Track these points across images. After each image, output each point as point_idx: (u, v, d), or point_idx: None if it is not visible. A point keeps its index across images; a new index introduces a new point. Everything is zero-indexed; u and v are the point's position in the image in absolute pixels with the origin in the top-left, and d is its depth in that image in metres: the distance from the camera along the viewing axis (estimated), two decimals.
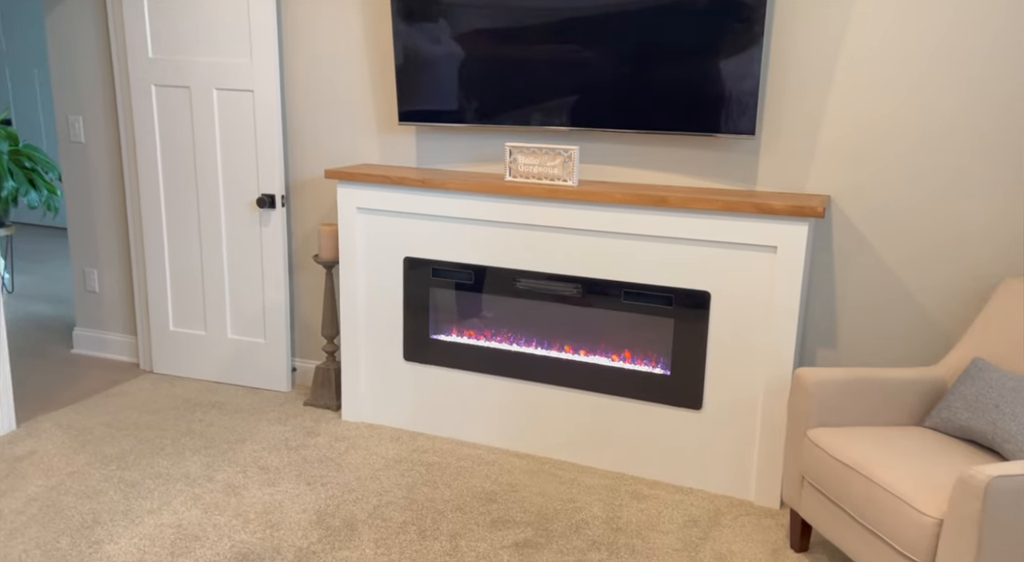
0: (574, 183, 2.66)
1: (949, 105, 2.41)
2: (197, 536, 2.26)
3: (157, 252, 3.45)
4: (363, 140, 3.19)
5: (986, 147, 2.39)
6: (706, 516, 2.48)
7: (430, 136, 3.08)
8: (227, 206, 3.30)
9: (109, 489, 2.50)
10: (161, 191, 3.38)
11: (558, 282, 2.74)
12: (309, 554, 2.19)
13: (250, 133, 3.20)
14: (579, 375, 2.76)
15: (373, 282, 3.00)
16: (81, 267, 3.76)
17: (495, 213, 2.75)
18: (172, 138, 3.32)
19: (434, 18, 2.81)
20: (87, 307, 3.79)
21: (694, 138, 2.70)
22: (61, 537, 2.22)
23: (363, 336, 3.06)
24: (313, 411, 3.20)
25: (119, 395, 3.29)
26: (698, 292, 2.55)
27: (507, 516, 2.44)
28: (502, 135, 2.97)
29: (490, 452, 2.88)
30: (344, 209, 2.96)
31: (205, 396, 3.31)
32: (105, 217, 3.64)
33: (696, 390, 2.61)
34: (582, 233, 2.66)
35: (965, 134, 2.40)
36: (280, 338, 3.35)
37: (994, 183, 2.39)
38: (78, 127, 3.59)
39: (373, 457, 2.81)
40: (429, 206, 2.83)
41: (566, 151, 2.66)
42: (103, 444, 2.82)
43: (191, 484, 2.56)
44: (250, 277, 3.34)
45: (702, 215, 2.48)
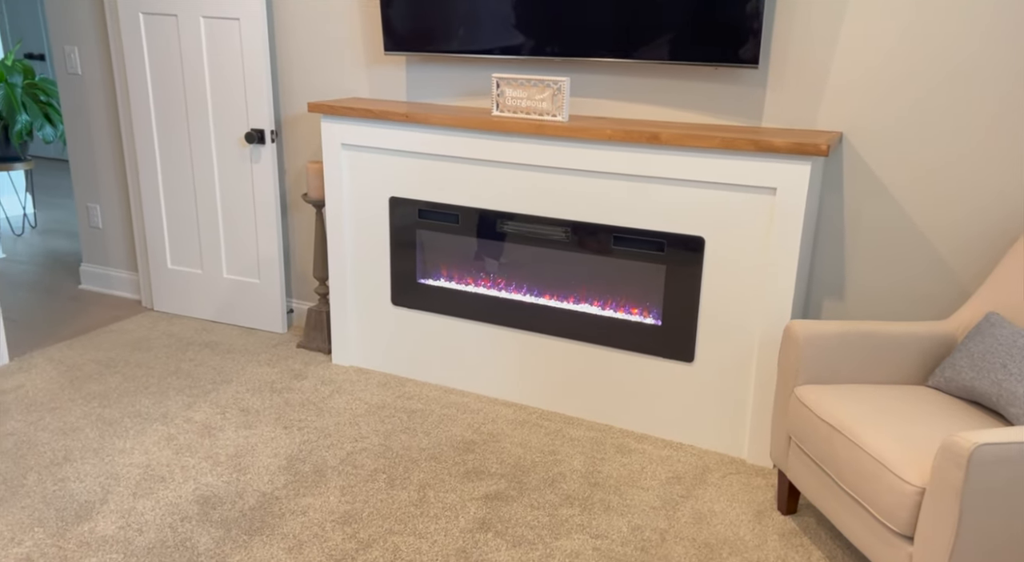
0: (564, 118, 2.47)
1: (980, 32, 2.12)
2: (163, 477, 2.24)
3: (152, 188, 3.40)
4: (353, 73, 3.03)
5: (1017, 84, 2.11)
6: (692, 473, 2.36)
7: (420, 68, 2.90)
8: (218, 141, 3.20)
9: (86, 426, 2.50)
10: (153, 125, 3.30)
11: (547, 226, 2.58)
12: (271, 499, 2.15)
13: (237, 64, 3.07)
14: (568, 324, 2.62)
15: (360, 223, 2.88)
16: (84, 202, 3.74)
17: (480, 151, 2.58)
18: (162, 69, 3.21)
19: None
20: (92, 243, 3.78)
21: (695, 69, 2.46)
22: (29, 473, 2.23)
23: (351, 279, 2.96)
24: (305, 354, 3.15)
25: (116, 332, 3.29)
26: (691, 237, 2.36)
27: (482, 467, 2.35)
28: (493, 66, 2.78)
29: (477, 401, 2.79)
30: (328, 145, 2.82)
31: (200, 335, 3.29)
32: (104, 151, 3.58)
33: (688, 342, 2.45)
34: (571, 173, 2.49)
35: (995, 69, 2.12)
36: (274, 279, 3.28)
37: (1022, 125, 2.12)
38: (74, 58, 3.51)
39: (356, 402, 2.75)
40: (413, 142, 2.68)
41: (556, 83, 2.46)
42: (89, 381, 2.82)
43: (168, 424, 2.54)
44: (243, 215, 3.26)
45: (697, 153, 2.27)
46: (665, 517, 2.13)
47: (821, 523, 2.12)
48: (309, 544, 1.97)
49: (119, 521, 2.03)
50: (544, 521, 2.09)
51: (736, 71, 2.42)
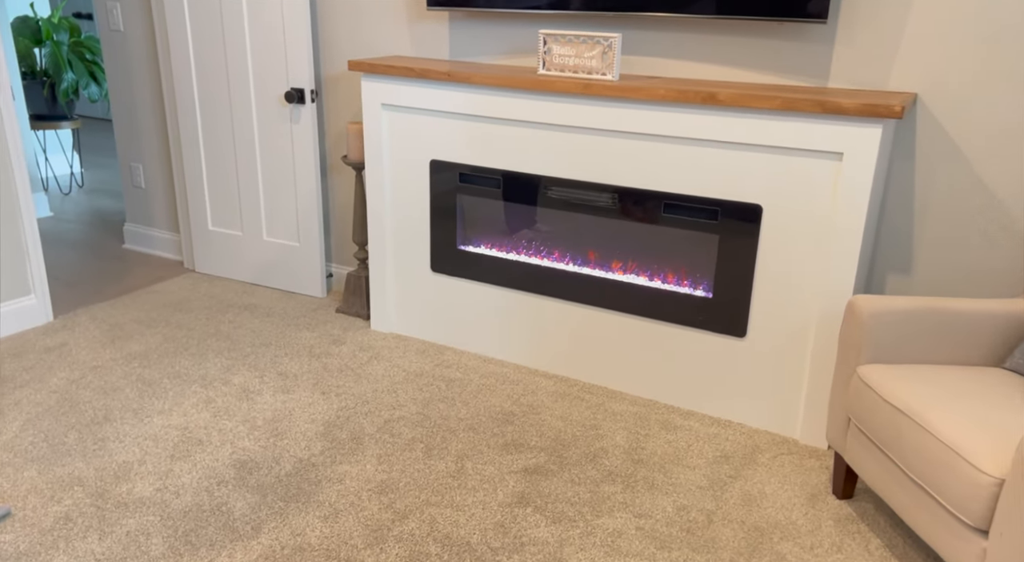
0: (614, 77, 2.34)
1: None
2: (200, 440, 2.22)
3: (193, 148, 3.36)
4: (394, 30, 2.92)
5: None
6: (741, 452, 2.26)
7: (463, 25, 2.78)
8: (258, 100, 3.14)
9: (126, 386, 2.50)
10: (194, 82, 3.25)
11: (592, 191, 2.46)
12: (308, 466, 2.12)
13: (278, 21, 2.98)
14: (612, 295, 2.52)
15: (400, 187, 2.81)
16: (127, 161, 3.74)
17: (525, 111, 2.47)
18: (202, 26, 3.15)
19: None
20: (136, 203, 3.79)
21: (755, 24, 2.30)
22: (70, 431, 2.23)
23: (390, 245, 2.90)
24: (343, 319, 3.11)
25: (157, 292, 3.30)
26: (748, 205, 2.23)
27: (521, 439, 2.29)
28: (540, 22, 2.64)
29: (516, 371, 2.72)
30: (369, 105, 2.74)
31: (240, 298, 3.27)
32: (146, 109, 3.56)
33: (741, 315, 2.33)
34: (620, 136, 2.36)
35: None
36: (314, 243, 3.24)
37: None
38: (116, 14, 3.47)
39: (394, 369, 2.70)
40: (455, 103, 2.57)
41: (606, 39, 2.32)
42: (131, 341, 2.83)
43: (206, 386, 2.53)
44: (283, 177, 3.21)
45: (756, 115, 2.13)
46: (712, 498, 2.04)
47: (880, 509, 2.01)
48: (345, 513, 1.93)
49: (156, 483, 2.02)
50: (585, 498, 2.02)
51: (801, 26, 2.25)
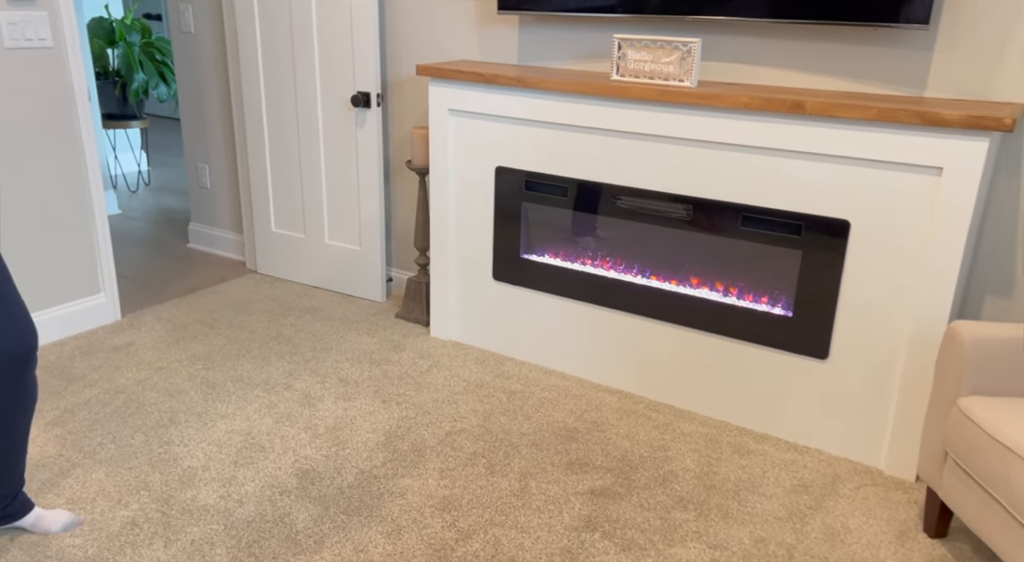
0: (692, 84, 2.24)
1: None
2: (263, 447, 2.21)
3: (258, 149, 3.38)
4: (463, 34, 2.87)
5: None
6: (821, 482, 2.14)
7: (533, 29, 2.72)
8: (324, 104, 3.13)
9: (191, 389, 2.51)
10: (261, 85, 3.27)
11: (665, 202, 2.37)
12: (370, 478, 2.09)
13: (346, 24, 2.97)
14: (685, 310, 2.42)
15: (463, 193, 2.75)
16: (194, 162, 3.78)
17: (596, 118, 2.39)
18: (271, 28, 3.16)
19: None
20: (201, 203, 3.83)
21: (845, 29, 2.17)
22: (137, 433, 2.24)
23: (452, 251, 2.85)
24: (403, 325, 3.08)
25: (220, 293, 3.32)
26: (835, 220, 2.11)
27: (587, 458, 2.21)
28: (614, 26, 2.56)
29: (579, 385, 2.64)
30: (435, 110, 2.69)
31: (301, 300, 3.27)
32: (214, 111, 3.59)
33: (823, 336, 2.20)
34: (697, 144, 2.26)
35: None
36: (375, 247, 3.22)
37: None
38: (187, 16, 3.51)
39: (454, 379, 2.65)
40: (523, 109, 2.51)
41: (685, 45, 2.22)
42: (195, 341, 2.85)
43: (269, 390, 2.52)
44: (346, 180, 3.20)
45: (848, 125, 2.01)
46: (792, 530, 1.93)
47: (979, 552, 1.87)
48: (408, 530, 1.88)
49: (220, 490, 2.00)
50: (655, 524, 1.93)
51: (898, 31, 2.12)
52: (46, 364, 2.63)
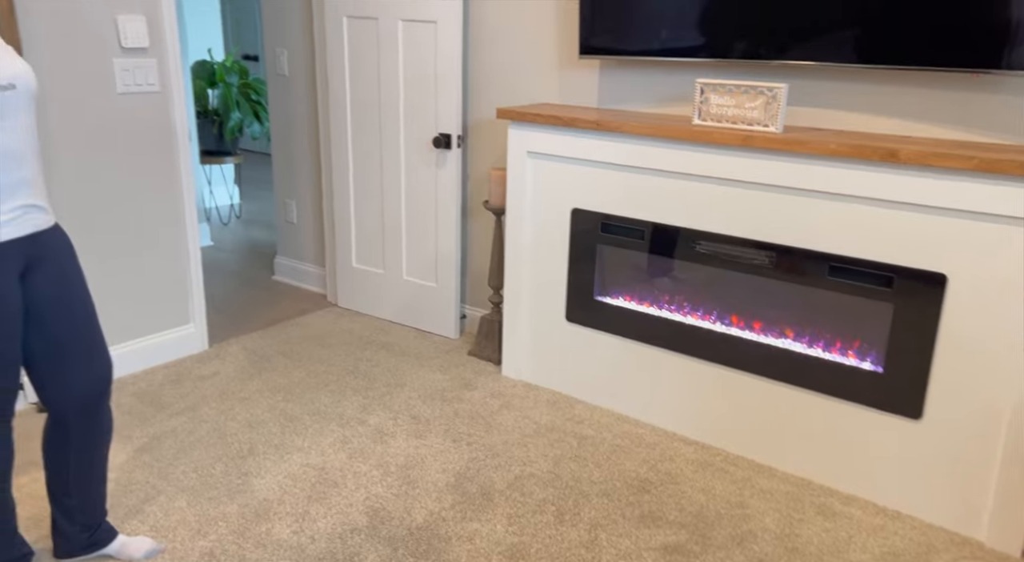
0: (778, 129, 2.19)
1: None
2: (336, 482, 2.24)
3: (343, 187, 3.49)
4: (543, 78, 2.91)
5: None
6: (913, 550, 2.00)
7: (614, 73, 2.73)
8: (407, 144, 3.22)
9: (270, 421, 2.58)
10: (348, 126, 3.39)
11: (746, 248, 2.31)
12: (439, 520, 2.08)
13: (431, 68, 3.05)
14: (766, 360, 2.34)
15: (539, 234, 2.76)
16: (282, 198, 3.94)
17: (676, 162, 2.36)
18: (360, 72, 3.28)
19: None
20: (287, 237, 3.98)
21: (944, 75, 2.08)
22: (217, 463, 2.31)
23: (526, 290, 2.85)
24: (475, 362, 3.09)
25: (302, 325, 3.42)
26: (931, 273, 2.00)
27: (660, 512, 2.14)
28: (697, 70, 2.54)
29: (653, 433, 2.58)
30: (514, 152, 2.73)
31: (377, 335, 3.34)
32: (303, 150, 3.75)
33: (917, 395, 2.08)
34: (782, 191, 2.20)
35: None
36: (450, 284, 3.26)
37: None
38: (283, 60, 3.69)
39: (525, 421, 2.63)
40: (602, 152, 2.51)
41: (771, 90, 2.18)
42: (276, 373, 2.93)
43: (344, 425, 2.57)
44: (425, 219, 3.26)
45: (945, 175, 1.91)
46: None
47: None
48: None
49: (294, 525, 2.04)
50: None
51: (999, 77, 2.02)
52: (137, 391, 2.76)
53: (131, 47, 2.70)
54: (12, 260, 1.51)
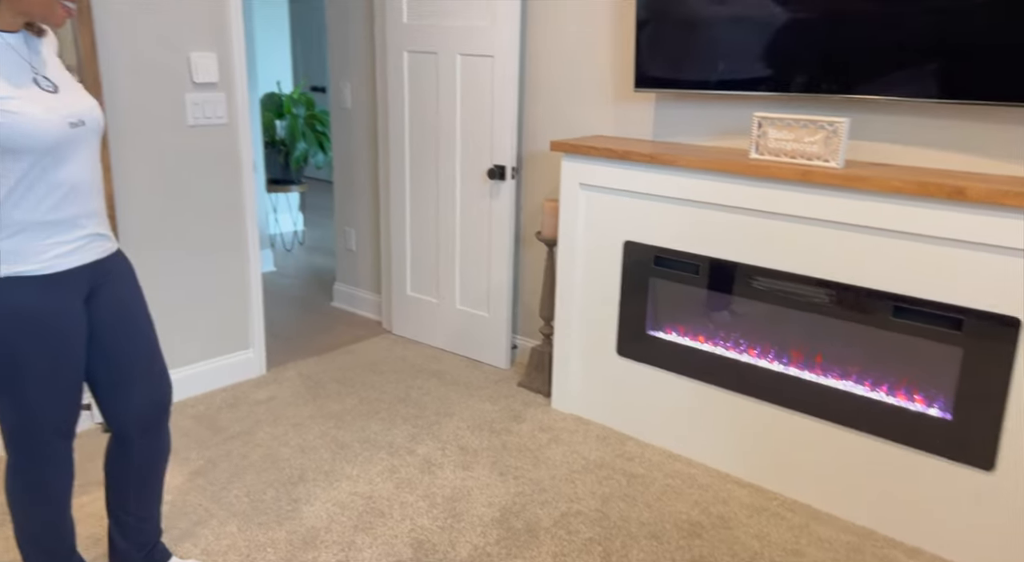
0: (838, 164, 2.13)
1: None
2: (383, 512, 2.24)
3: (400, 217, 3.56)
4: (598, 110, 2.91)
5: None
6: None
7: (670, 105, 2.71)
8: (462, 175, 3.26)
9: (322, 447, 2.61)
10: (406, 157, 3.45)
11: (805, 285, 2.24)
12: (483, 555, 2.06)
13: (487, 101, 3.10)
14: (826, 402, 2.25)
15: (590, 266, 2.74)
16: (342, 226, 4.04)
17: (732, 197, 2.32)
18: (419, 105, 3.35)
19: None
20: (346, 264, 4.07)
21: (1013, 110, 1.99)
22: (269, 488, 2.35)
23: (576, 323, 2.83)
24: (525, 394, 3.07)
25: (357, 352, 3.47)
26: (1004, 317, 1.89)
27: (712, 558, 2.07)
28: (754, 104, 2.50)
29: (706, 473, 2.50)
30: (567, 184, 2.73)
31: (429, 363, 3.36)
32: (363, 179, 3.84)
33: (988, 444, 1.97)
34: (842, 228, 2.13)
35: None
36: (502, 314, 3.26)
37: None
38: (346, 93, 3.80)
39: (573, 456, 2.60)
40: (656, 185, 2.48)
41: (831, 124, 2.13)
42: (329, 399, 2.98)
43: (393, 454, 2.58)
44: (478, 249, 3.28)
45: (1017, 214, 1.82)
46: None
47: None
48: None
49: (340, 554, 2.05)
50: None
51: None
52: (196, 414, 2.84)
53: (202, 82, 2.82)
54: (78, 286, 1.59)
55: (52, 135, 1.46)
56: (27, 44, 1.50)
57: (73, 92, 1.56)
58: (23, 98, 1.43)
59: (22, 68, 1.46)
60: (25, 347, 1.51)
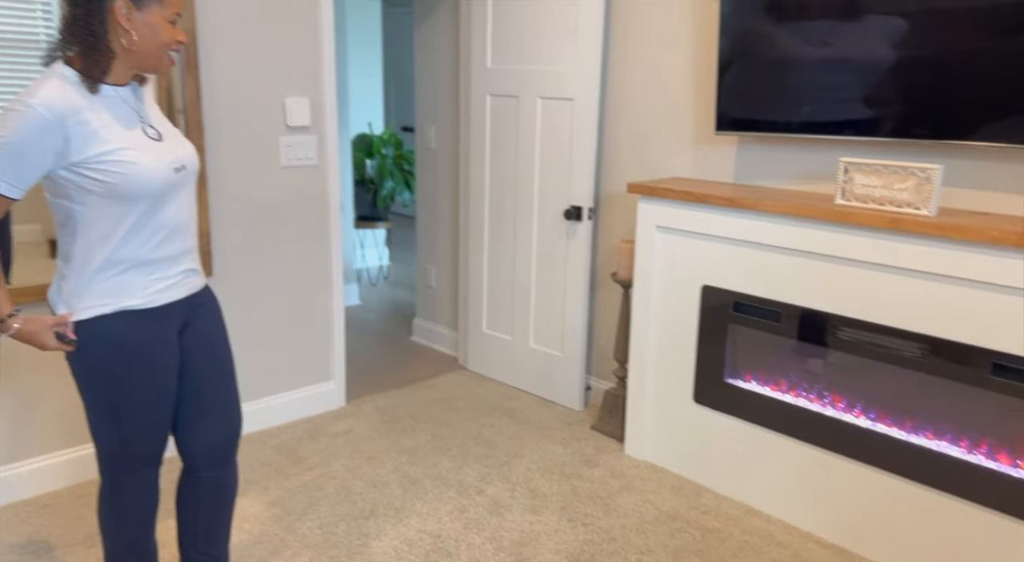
0: (931, 212, 2.03)
1: None
2: (450, 553, 2.25)
3: (478, 255, 3.61)
4: (677, 152, 2.89)
5: None
6: None
7: (752, 148, 2.66)
8: (539, 216, 3.30)
9: (393, 482, 2.65)
10: (486, 197, 3.52)
11: (895, 338, 2.13)
12: None
13: (566, 142, 3.13)
14: (917, 462, 2.11)
15: (667, 309, 2.70)
16: (423, 263, 4.14)
17: (817, 243, 2.24)
18: (499, 147, 3.42)
19: (767, 9, 2.39)
20: (425, 299, 4.16)
21: None
22: (341, 522, 2.40)
23: (652, 367, 2.78)
24: (597, 437, 3.03)
25: (432, 387, 3.52)
26: None
27: None
28: (840, 148, 2.42)
29: (785, 531, 2.39)
30: (643, 226, 2.71)
31: (502, 401, 3.37)
32: (444, 218, 3.93)
33: None
34: (936, 279, 2.02)
35: None
36: (576, 355, 3.24)
37: None
38: (431, 135, 3.93)
39: (646, 506, 2.53)
40: (736, 229, 2.43)
41: (924, 171, 2.03)
42: (403, 434, 3.02)
43: (462, 493, 2.59)
44: (553, 288, 3.29)
45: None
46: None
47: None
48: None
49: None
50: None
51: None
52: (278, 444, 2.94)
53: (295, 125, 2.98)
54: (174, 319, 1.69)
55: (160, 182, 1.57)
56: (134, 94, 1.62)
57: (175, 139, 1.67)
58: (136, 148, 1.55)
59: (131, 118, 1.58)
60: (129, 378, 1.61)
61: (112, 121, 1.53)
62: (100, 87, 1.53)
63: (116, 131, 1.53)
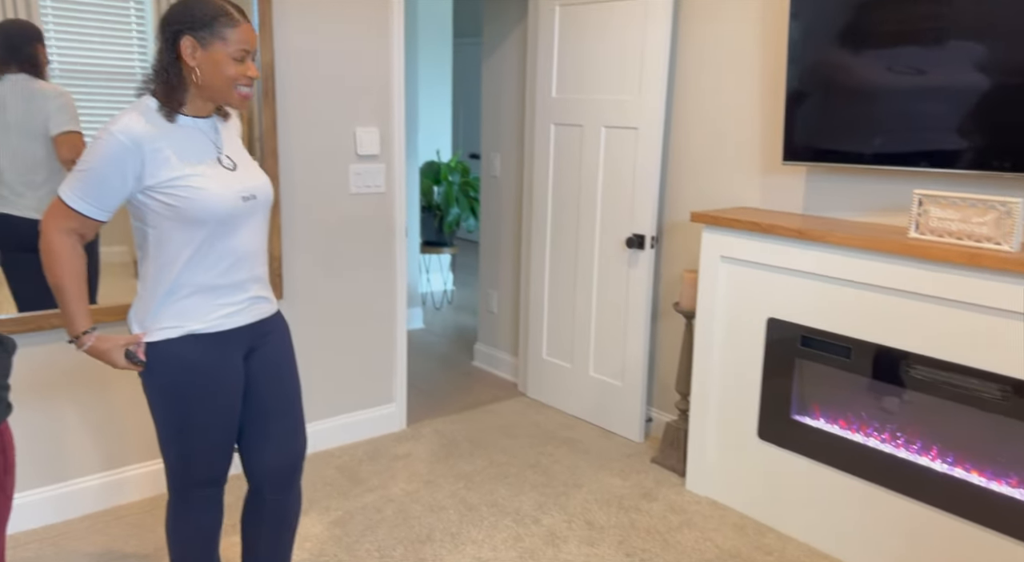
0: (1013, 248, 1.93)
1: None
2: None
3: (539, 282, 3.63)
4: (743, 182, 2.85)
5: None
6: None
7: (821, 178, 2.60)
8: (601, 244, 3.29)
9: (450, 507, 2.66)
10: (548, 224, 3.54)
11: (972, 378, 2.02)
12: None
13: (629, 171, 3.13)
14: (996, 511, 1.99)
15: (731, 341, 2.64)
16: (486, 288, 4.18)
17: (889, 277, 2.16)
18: (562, 175, 3.45)
19: (840, 36, 2.35)
20: (487, 325, 4.19)
21: None
22: (398, 546, 2.42)
23: (715, 400, 2.72)
24: (658, 471, 2.97)
25: (491, 413, 3.53)
26: None
27: None
28: (913, 180, 2.34)
29: None
30: (707, 256, 2.67)
31: (561, 430, 3.35)
32: (507, 245, 3.97)
33: None
34: (1018, 317, 1.92)
35: None
36: (636, 385, 3.20)
37: None
38: (496, 163, 3.99)
39: (706, 543, 2.46)
40: (804, 261, 2.37)
41: (1004, 205, 1.95)
42: (461, 459, 3.04)
43: (518, 522, 2.57)
44: (614, 317, 3.27)
45: None
46: None
47: None
48: None
49: None
50: None
51: None
52: (341, 465, 3.00)
53: (365, 154, 3.08)
54: (239, 344, 1.75)
55: (226, 208, 1.64)
56: (215, 127, 1.71)
57: (249, 169, 1.75)
58: (206, 175, 1.63)
59: (207, 148, 1.67)
60: (193, 401, 1.68)
61: (186, 149, 1.62)
62: (178, 117, 1.62)
63: (188, 158, 1.61)
